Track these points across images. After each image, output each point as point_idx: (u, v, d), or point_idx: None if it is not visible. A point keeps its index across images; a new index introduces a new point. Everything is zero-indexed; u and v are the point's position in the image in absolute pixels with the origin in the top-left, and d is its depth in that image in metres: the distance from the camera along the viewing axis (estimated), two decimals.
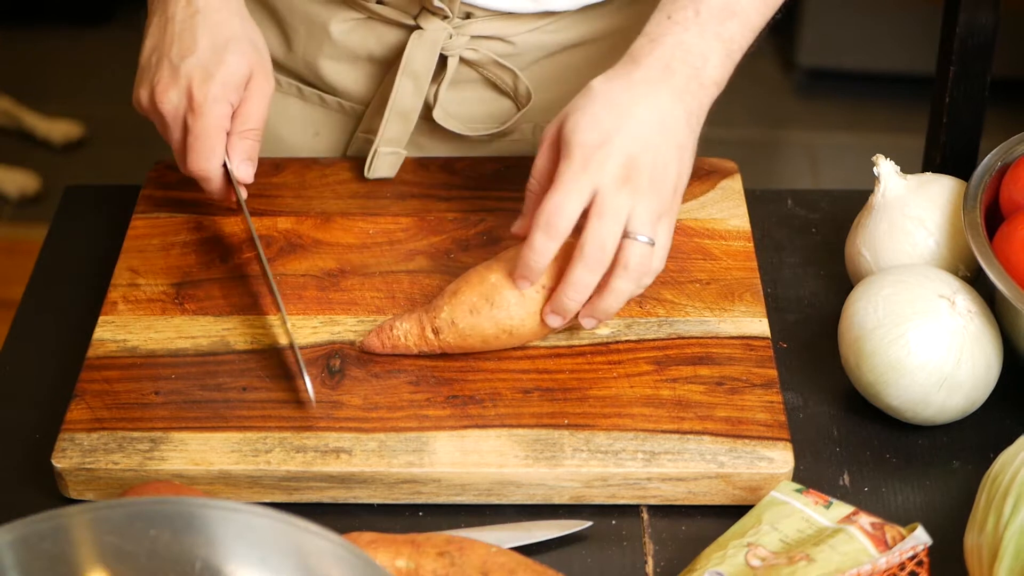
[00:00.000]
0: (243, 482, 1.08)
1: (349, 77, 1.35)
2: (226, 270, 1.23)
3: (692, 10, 1.13)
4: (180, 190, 1.31)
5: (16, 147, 3.12)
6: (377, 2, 1.30)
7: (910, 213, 1.19)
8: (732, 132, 3.16)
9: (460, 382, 1.13)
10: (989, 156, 1.21)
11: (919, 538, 0.97)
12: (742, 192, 1.31)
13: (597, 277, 1.10)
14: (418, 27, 1.29)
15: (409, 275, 1.23)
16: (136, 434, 1.09)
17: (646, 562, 1.05)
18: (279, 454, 1.08)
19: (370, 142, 1.34)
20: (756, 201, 1.33)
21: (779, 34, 3.38)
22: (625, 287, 1.11)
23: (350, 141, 1.38)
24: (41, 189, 3.02)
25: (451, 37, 1.30)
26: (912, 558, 0.97)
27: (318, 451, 1.08)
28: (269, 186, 1.32)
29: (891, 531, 0.98)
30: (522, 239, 1.12)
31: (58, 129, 3.13)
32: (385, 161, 1.32)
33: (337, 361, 1.15)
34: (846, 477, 1.11)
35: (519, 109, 1.35)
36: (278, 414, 1.11)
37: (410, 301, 1.20)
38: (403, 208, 1.30)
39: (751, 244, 1.25)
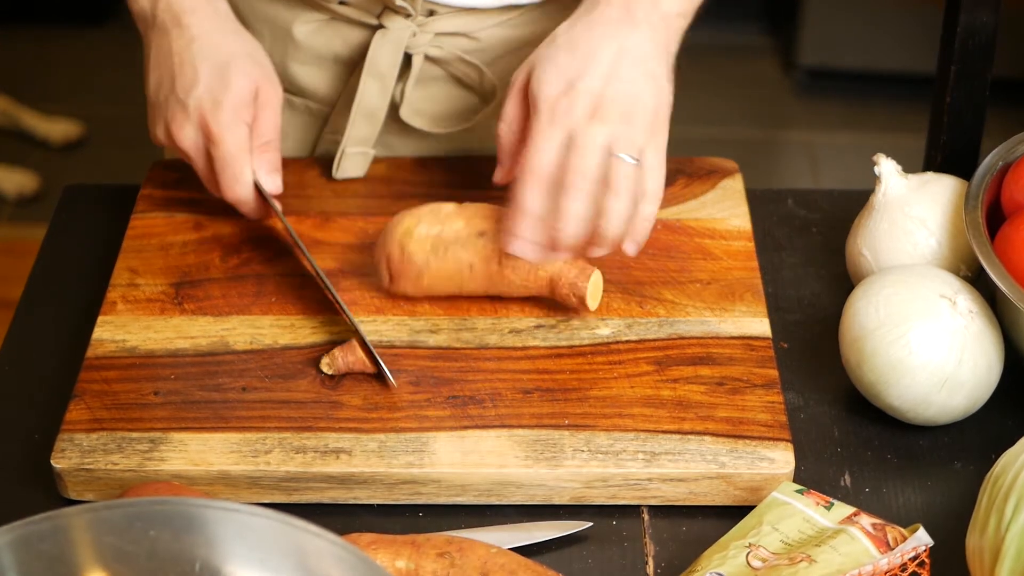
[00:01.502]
0: (243, 483, 1.08)
1: (315, 78, 1.35)
2: (226, 270, 1.23)
3: None
4: (180, 190, 1.31)
5: (15, 147, 3.12)
6: (339, 2, 1.30)
7: (911, 213, 1.19)
8: (732, 132, 3.16)
9: (460, 382, 1.13)
10: (990, 156, 1.21)
11: (920, 539, 0.96)
12: (743, 192, 1.30)
13: (585, 205, 1.12)
14: (381, 26, 1.29)
15: None
16: (135, 434, 1.09)
17: (646, 563, 1.05)
18: (279, 455, 1.08)
19: (337, 142, 1.34)
20: (756, 201, 1.33)
21: (779, 34, 3.38)
22: (617, 206, 1.13)
23: (317, 142, 1.38)
24: (40, 189, 3.02)
25: (415, 35, 1.30)
26: (913, 559, 0.97)
27: (318, 451, 1.08)
28: None
29: (892, 532, 0.98)
30: (503, 187, 1.15)
31: (58, 129, 3.13)
32: (353, 161, 1.32)
33: None
34: (847, 478, 1.11)
35: (486, 104, 1.35)
36: (278, 414, 1.11)
37: (410, 301, 1.20)
38: (403, 208, 1.29)
39: (752, 244, 1.25)
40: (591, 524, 1.06)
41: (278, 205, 1.23)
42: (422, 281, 1.17)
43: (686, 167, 1.33)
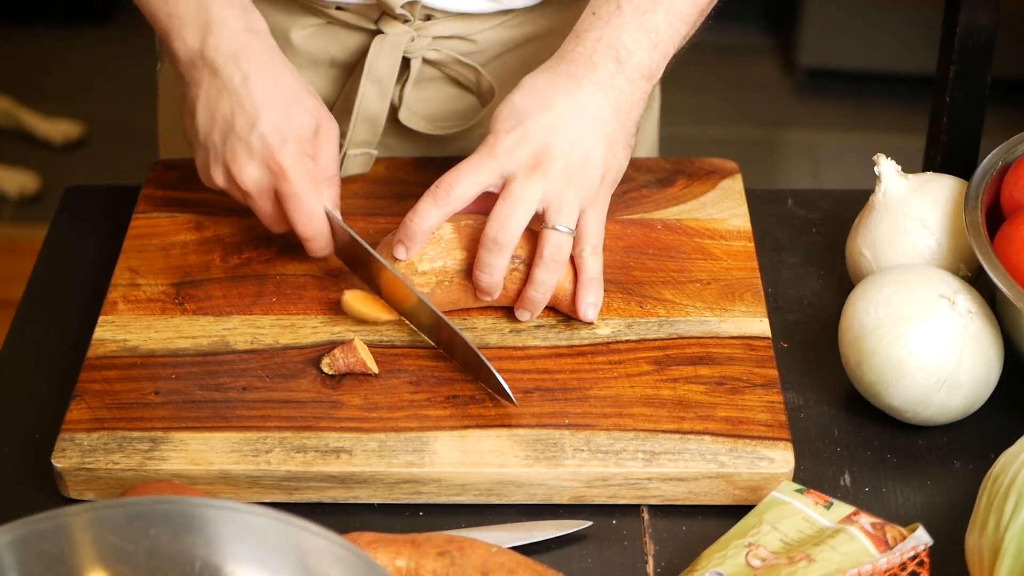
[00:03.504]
0: (243, 482, 1.08)
1: (313, 82, 1.34)
2: (226, 270, 1.23)
3: (615, 4, 1.16)
4: (180, 190, 1.31)
5: (16, 147, 3.12)
6: (337, 8, 1.29)
7: (911, 213, 1.19)
8: (732, 132, 3.16)
9: (460, 382, 1.13)
10: (990, 156, 1.21)
11: (920, 538, 0.97)
12: (743, 192, 1.31)
13: (501, 259, 1.12)
14: (379, 31, 1.29)
15: None
16: (136, 434, 1.09)
17: (646, 562, 1.05)
18: (279, 454, 1.08)
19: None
20: (756, 201, 1.33)
21: (779, 34, 3.38)
22: (545, 277, 1.13)
23: None
24: (41, 189, 3.02)
25: (413, 40, 1.30)
26: (913, 558, 0.97)
27: (318, 451, 1.08)
28: None
29: (892, 531, 0.98)
30: None
31: (58, 129, 3.13)
32: (356, 161, 1.32)
33: None
34: (847, 477, 1.11)
35: (483, 105, 1.35)
36: (278, 414, 1.11)
37: None
38: (403, 208, 1.29)
39: (752, 244, 1.25)
40: (591, 524, 1.06)
41: (350, 230, 1.19)
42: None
43: (686, 167, 1.33)
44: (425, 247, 1.16)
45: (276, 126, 1.16)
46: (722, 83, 3.25)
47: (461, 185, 1.12)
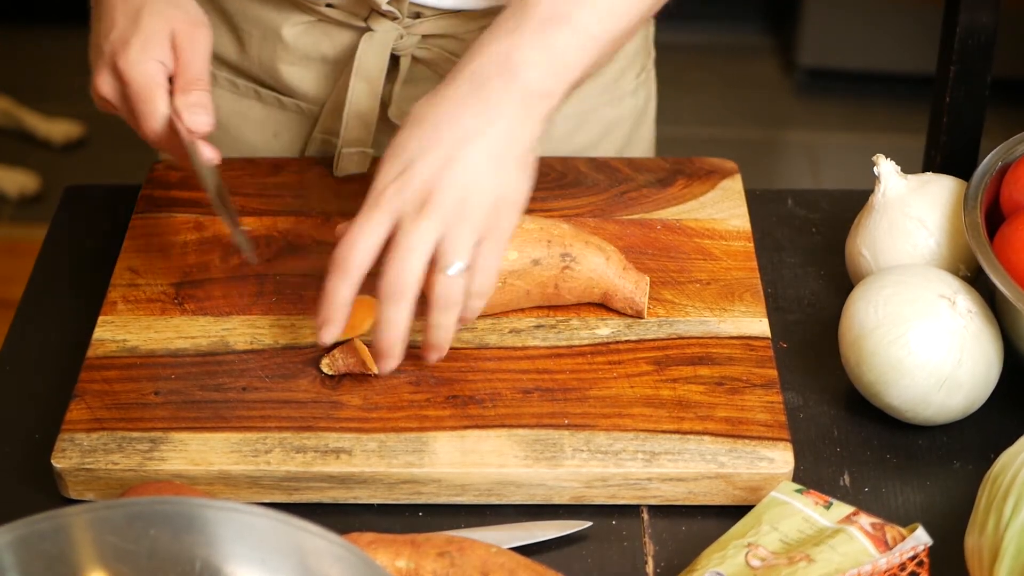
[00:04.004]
0: (243, 482, 1.08)
1: (305, 79, 1.35)
2: (226, 270, 1.23)
3: (514, 20, 1.09)
4: (180, 190, 1.31)
5: (16, 147, 3.12)
6: (327, 5, 1.30)
7: (910, 213, 1.19)
8: (732, 132, 3.16)
9: (460, 382, 1.13)
10: (990, 156, 1.21)
11: (919, 538, 0.97)
12: (742, 192, 1.31)
13: (403, 311, 1.05)
14: (368, 29, 1.29)
15: None
16: (136, 434, 1.09)
17: (646, 562, 1.05)
18: (279, 454, 1.08)
19: (327, 142, 1.34)
20: (756, 201, 1.33)
21: (779, 34, 3.38)
22: (443, 320, 1.07)
23: (308, 141, 1.38)
24: (41, 189, 3.02)
25: (402, 38, 1.30)
26: (912, 558, 0.97)
27: (318, 451, 1.08)
28: (269, 186, 1.32)
29: (891, 531, 0.98)
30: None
31: (58, 129, 3.13)
32: (351, 160, 1.32)
33: None
34: (846, 477, 1.11)
35: None
36: (278, 414, 1.11)
37: None
38: None
39: (751, 244, 1.25)
40: (591, 524, 1.06)
41: (206, 150, 1.16)
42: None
43: (686, 167, 1.33)
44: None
45: (122, 33, 1.15)
46: (722, 83, 3.25)
47: (357, 251, 1.05)
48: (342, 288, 1.06)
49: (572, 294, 1.18)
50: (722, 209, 1.29)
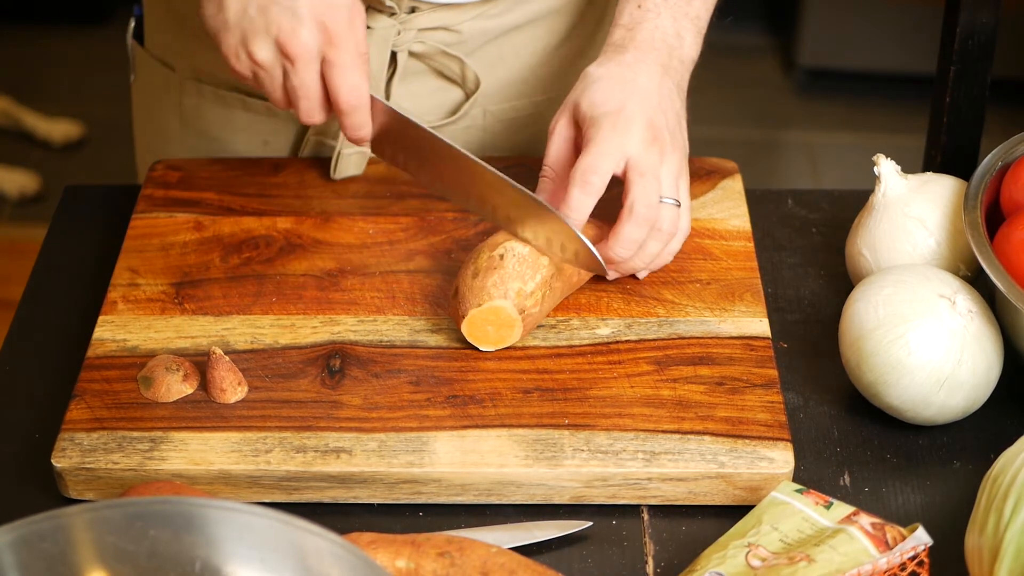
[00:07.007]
0: (243, 482, 1.08)
1: None
2: (226, 270, 1.23)
3: None
4: (180, 190, 1.31)
5: (16, 147, 3.12)
6: None
7: (911, 213, 1.19)
8: (732, 132, 3.16)
9: (460, 382, 1.13)
10: (990, 156, 1.21)
11: (919, 538, 0.97)
12: (742, 192, 1.31)
13: (644, 234, 1.15)
14: (367, 26, 1.29)
15: (409, 275, 1.23)
16: (136, 434, 1.09)
17: (646, 562, 1.05)
18: (279, 454, 1.08)
19: (322, 143, 1.34)
20: (756, 201, 1.33)
21: (779, 34, 3.38)
22: (656, 248, 1.17)
23: (302, 143, 1.37)
24: (41, 189, 3.02)
25: (399, 33, 1.30)
26: (913, 558, 0.97)
27: (318, 451, 1.08)
28: (269, 186, 1.32)
29: (891, 531, 0.98)
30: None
31: (58, 129, 3.13)
32: (350, 161, 1.32)
33: (337, 361, 1.15)
34: (846, 477, 1.11)
35: (468, 97, 1.35)
36: (278, 414, 1.11)
37: (410, 301, 1.20)
38: (403, 208, 1.29)
39: (751, 244, 1.25)
40: (591, 524, 1.06)
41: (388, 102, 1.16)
42: (536, 321, 1.17)
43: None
44: (518, 270, 1.14)
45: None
46: (722, 83, 3.25)
47: (601, 168, 1.13)
48: (586, 201, 1.14)
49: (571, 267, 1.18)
50: (722, 209, 1.29)
